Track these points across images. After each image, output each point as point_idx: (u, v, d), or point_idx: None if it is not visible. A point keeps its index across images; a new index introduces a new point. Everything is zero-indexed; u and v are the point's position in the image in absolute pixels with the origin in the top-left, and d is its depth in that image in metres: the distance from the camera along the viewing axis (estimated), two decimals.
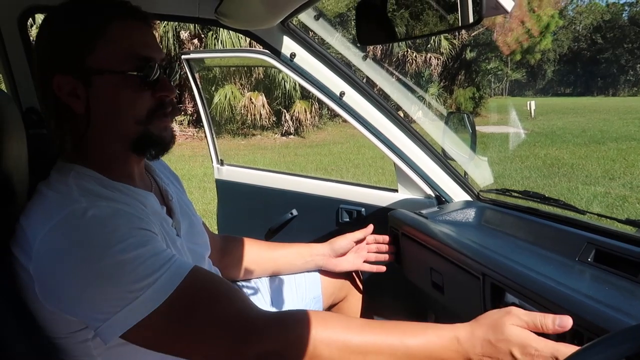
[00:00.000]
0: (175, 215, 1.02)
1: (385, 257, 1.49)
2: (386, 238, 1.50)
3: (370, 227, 1.48)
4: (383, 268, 1.48)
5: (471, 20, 0.76)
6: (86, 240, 0.76)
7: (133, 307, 0.74)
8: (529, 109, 19.97)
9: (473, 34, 21.03)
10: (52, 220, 0.77)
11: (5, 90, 1.20)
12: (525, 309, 0.99)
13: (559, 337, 0.89)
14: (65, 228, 0.76)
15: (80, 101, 0.85)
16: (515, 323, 0.79)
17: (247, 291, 1.38)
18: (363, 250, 1.48)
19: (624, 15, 58.15)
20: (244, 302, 0.85)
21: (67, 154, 0.91)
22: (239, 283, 1.40)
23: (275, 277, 1.42)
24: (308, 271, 1.46)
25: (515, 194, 1.44)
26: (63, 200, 0.80)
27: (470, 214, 1.47)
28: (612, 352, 0.50)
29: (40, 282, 0.77)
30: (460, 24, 0.79)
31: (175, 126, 13.65)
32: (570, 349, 0.74)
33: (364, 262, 1.47)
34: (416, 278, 1.48)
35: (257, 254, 1.39)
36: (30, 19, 1.37)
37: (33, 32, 11.15)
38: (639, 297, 0.90)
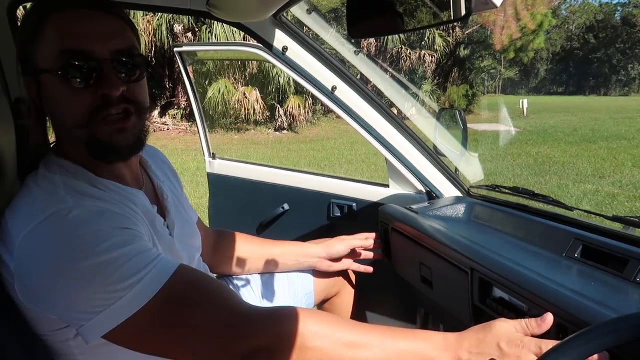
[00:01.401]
0: (169, 215, 1.00)
1: (372, 254, 1.48)
2: (374, 235, 1.49)
3: (372, 235, 1.48)
4: (370, 269, 1.48)
5: (462, 13, 0.76)
6: (69, 240, 0.74)
7: (117, 307, 0.73)
8: (521, 107, 20.08)
9: (467, 32, 21.07)
10: (36, 219, 0.75)
11: None
12: (512, 303, 1.01)
13: (545, 332, 0.91)
14: (48, 228, 0.74)
15: (39, 101, 0.84)
16: (503, 323, 0.82)
17: (238, 284, 1.38)
18: (354, 251, 1.47)
19: (616, 15, 58.53)
20: (232, 299, 0.84)
21: (56, 147, 0.89)
22: (230, 278, 1.40)
23: (267, 273, 1.42)
24: (300, 271, 1.46)
25: (505, 190, 1.45)
26: (49, 198, 0.78)
27: (460, 210, 1.48)
28: (593, 344, 0.50)
29: (21, 281, 0.75)
30: (450, 18, 0.79)
31: (168, 120, 13.59)
32: (554, 343, 0.76)
33: (354, 260, 1.47)
34: (406, 273, 1.49)
35: (249, 250, 1.38)
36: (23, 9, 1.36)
37: None
38: (624, 293, 0.91)
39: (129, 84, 0.82)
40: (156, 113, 13.44)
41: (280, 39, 1.56)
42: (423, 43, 17.88)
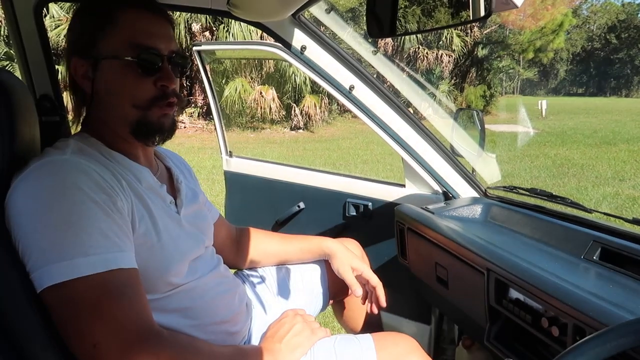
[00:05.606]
0: (179, 196, 1.07)
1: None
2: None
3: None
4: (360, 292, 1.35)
5: (481, 14, 0.76)
6: (47, 186, 0.80)
7: (62, 265, 0.75)
8: (540, 108, 19.82)
9: (485, 32, 20.86)
10: (32, 165, 0.83)
11: (20, 78, 1.22)
12: (528, 304, 1.00)
13: (561, 333, 0.90)
14: (38, 171, 0.82)
15: (90, 82, 0.93)
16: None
17: (254, 281, 1.39)
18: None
19: (639, 15, 57.37)
20: (145, 312, 0.84)
21: (85, 126, 0.98)
22: (246, 272, 1.42)
23: (282, 268, 1.43)
24: (315, 269, 1.47)
25: (523, 192, 1.44)
26: (53, 152, 0.87)
27: (476, 210, 1.48)
28: (611, 345, 0.50)
29: (7, 218, 0.80)
30: (470, 18, 0.79)
31: (185, 118, 13.71)
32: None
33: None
34: (421, 273, 1.49)
35: (268, 246, 1.42)
36: (45, 9, 1.39)
37: (47, 21, 11.20)
38: None
39: (177, 80, 0.97)
40: None
41: (299, 38, 1.57)
42: (440, 43, 17.75)
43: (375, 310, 1.36)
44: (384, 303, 1.34)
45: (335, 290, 1.50)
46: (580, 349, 0.51)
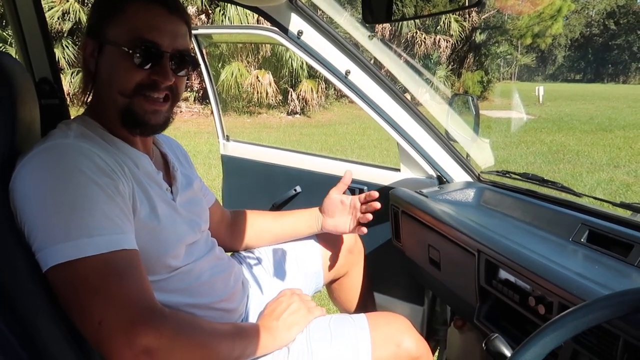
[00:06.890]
0: (175, 184, 1.09)
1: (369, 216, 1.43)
2: (372, 194, 1.43)
3: (347, 178, 1.48)
4: (365, 230, 1.44)
5: None
6: (52, 168, 0.82)
7: (69, 245, 0.78)
8: (537, 94, 19.82)
9: (483, 17, 20.71)
10: (37, 148, 0.85)
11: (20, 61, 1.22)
12: (517, 284, 1.04)
13: (547, 311, 0.94)
14: (42, 155, 0.84)
15: (93, 62, 0.97)
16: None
17: (251, 262, 1.42)
18: (357, 211, 1.45)
19: (638, 1, 57.06)
20: (147, 291, 0.86)
21: (88, 108, 1.01)
22: (242, 253, 1.45)
23: (277, 250, 1.46)
24: (311, 236, 1.51)
25: (515, 176, 1.47)
26: (57, 134, 0.91)
27: (469, 194, 1.50)
28: (588, 318, 0.53)
29: (12, 202, 0.82)
30: (465, 4, 0.81)
31: (181, 103, 13.61)
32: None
33: (360, 224, 1.44)
34: (414, 254, 1.52)
35: (264, 223, 1.46)
36: None
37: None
38: (627, 276, 0.93)
39: (176, 77, 0.97)
40: None
41: (296, 22, 1.58)
42: (438, 28, 17.64)
43: (377, 206, 1.41)
44: (376, 194, 1.42)
45: (330, 274, 1.53)
46: (561, 321, 0.54)
